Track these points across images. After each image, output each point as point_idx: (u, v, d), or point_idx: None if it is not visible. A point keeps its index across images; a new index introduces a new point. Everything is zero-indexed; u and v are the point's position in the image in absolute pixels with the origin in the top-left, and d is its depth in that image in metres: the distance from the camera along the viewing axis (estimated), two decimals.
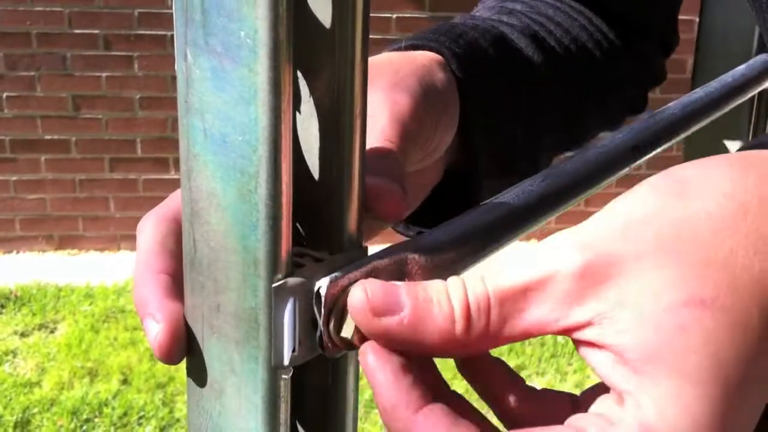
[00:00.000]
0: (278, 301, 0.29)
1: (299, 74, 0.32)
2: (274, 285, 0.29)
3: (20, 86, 3.28)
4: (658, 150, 0.47)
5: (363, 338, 0.30)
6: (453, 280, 0.30)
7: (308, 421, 0.35)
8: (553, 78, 0.52)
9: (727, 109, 0.54)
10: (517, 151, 0.50)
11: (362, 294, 0.29)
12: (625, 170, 0.44)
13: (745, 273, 0.27)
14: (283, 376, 0.30)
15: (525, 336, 0.30)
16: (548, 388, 0.28)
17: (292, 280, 0.29)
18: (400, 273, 0.32)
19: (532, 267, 0.29)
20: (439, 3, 3.32)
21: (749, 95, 0.58)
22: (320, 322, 0.30)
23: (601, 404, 0.29)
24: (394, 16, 3.31)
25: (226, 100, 0.29)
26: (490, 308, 0.29)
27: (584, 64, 0.54)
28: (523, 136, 0.51)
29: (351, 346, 0.30)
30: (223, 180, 0.30)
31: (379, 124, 0.40)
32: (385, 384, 0.29)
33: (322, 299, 0.29)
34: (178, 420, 2.47)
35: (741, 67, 0.57)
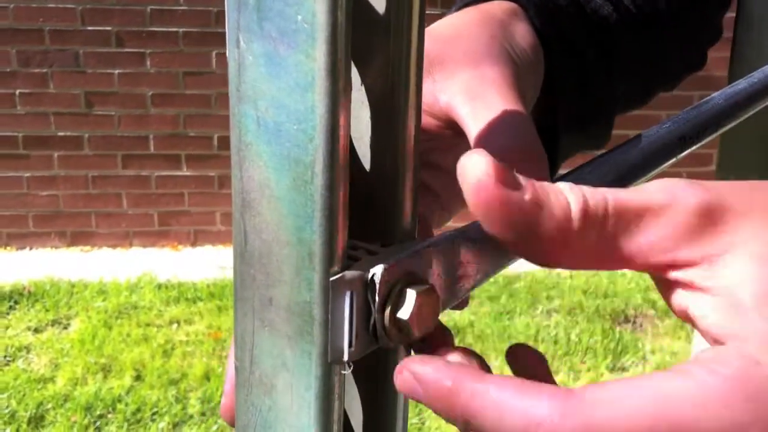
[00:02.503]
0: (336, 295, 0.28)
1: (351, 62, 0.31)
2: (332, 278, 0.28)
3: (33, 83, 3.28)
4: (704, 141, 0.46)
5: (420, 325, 0.29)
6: (568, 185, 0.28)
7: (357, 419, 0.34)
8: (629, 37, 0.50)
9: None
10: (595, 110, 0.49)
11: (484, 157, 0.27)
12: (672, 160, 0.43)
13: None
14: (343, 372, 0.29)
15: (629, 261, 0.28)
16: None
17: (349, 273, 0.29)
18: (452, 260, 0.31)
19: (654, 192, 0.28)
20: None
21: None
22: (374, 309, 0.29)
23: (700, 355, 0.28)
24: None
25: (281, 87, 0.28)
26: (608, 216, 0.27)
27: (654, 21, 0.52)
28: (603, 94, 0.49)
29: (407, 333, 0.29)
30: (277, 170, 0.29)
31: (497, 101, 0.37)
32: (436, 365, 0.28)
33: (377, 286, 0.29)
34: (191, 416, 2.47)
35: None
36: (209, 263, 3.34)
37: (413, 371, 0.28)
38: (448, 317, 2.97)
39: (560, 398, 0.25)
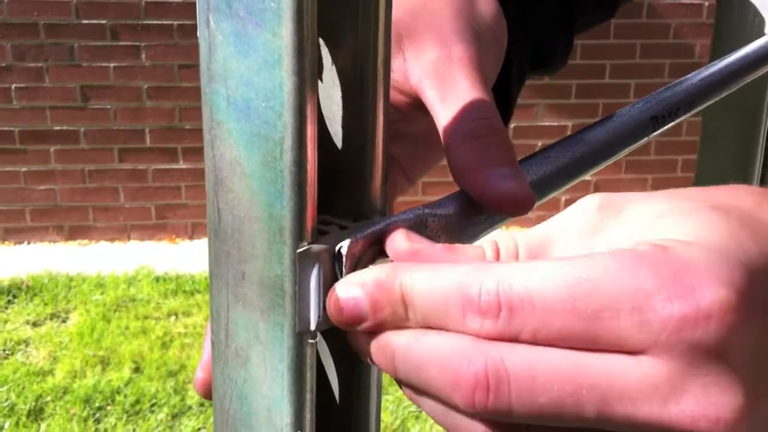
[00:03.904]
0: (303, 267, 0.29)
1: (321, 42, 0.32)
2: (298, 251, 0.29)
3: (28, 77, 3.28)
4: (677, 120, 0.46)
5: None
6: (483, 241, 0.31)
7: (332, 389, 0.35)
8: None
9: (744, 81, 0.54)
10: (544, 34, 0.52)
11: (403, 234, 0.31)
12: (644, 140, 0.43)
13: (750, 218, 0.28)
14: (310, 341, 0.30)
15: None
16: None
17: (316, 246, 0.29)
18: (419, 232, 0.32)
19: (556, 218, 0.30)
20: None
21: None
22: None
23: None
24: None
25: (250, 65, 0.29)
26: (518, 252, 0.30)
27: None
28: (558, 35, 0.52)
29: None
30: (247, 147, 0.29)
31: (463, 86, 0.39)
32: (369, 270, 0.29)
33: (344, 259, 0.29)
34: (189, 407, 2.49)
35: (760, 40, 0.56)
36: (207, 256, 3.34)
37: (348, 283, 0.29)
38: None
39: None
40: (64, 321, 2.93)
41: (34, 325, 2.90)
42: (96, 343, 2.75)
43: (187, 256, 3.35)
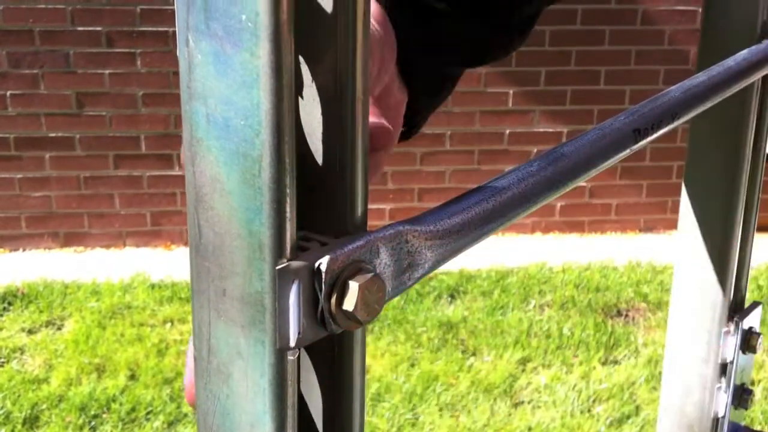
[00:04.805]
0: (282, 284, 0.29)
1: (301, 59, 0.32)
2: (278, 268, 0.29)
3: (24, 84, 3.28)
4: (660, 133, 0.47)
5: (366, 311, 0.30)
6: None
7: (316, 405, 0.35)
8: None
9: (729, 93, 0.54)
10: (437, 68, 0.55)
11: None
12: (626, 152, 0.44)
13: None
14: (290, 357, 0.30)
15: None
16: None
17: (295, 263, 0.30)
18: (400, 250, 0.32)
19: None
20: None
21: (751, 80, 0.58)
22: (321, 298, 0.30)
23: None
24: None
25: (228, 84, 0.29)
26: None
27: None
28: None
29: (354, 320, 0.30)
30: (227, 165, 0.30)
31: None
32: None
33: (323, 275, 0.30)
34: (185, 415, 2.48)
35: (743, 52, 0.57)
36: None
37: None
38: (441, 314, 2.99)
39: None
40: (59, 328, 2.92)
41: (30, 332, 2.89)
42: (91, 351, 2.74)
43: (182, 263, 3.35)
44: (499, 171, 3.63)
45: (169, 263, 3.36)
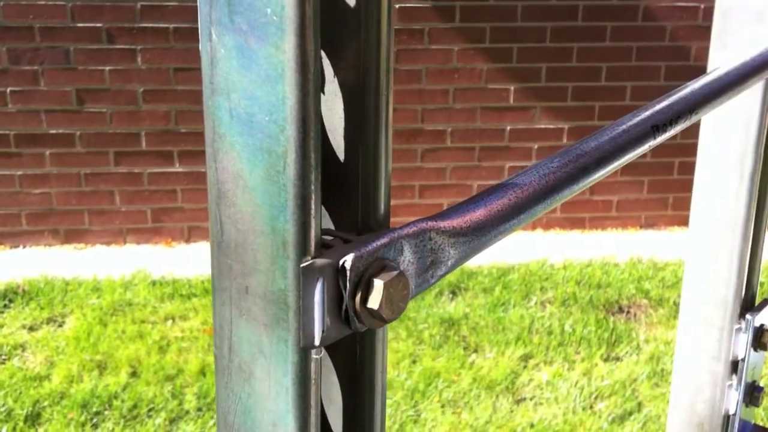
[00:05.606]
0: (307, 282, 0.29)
1: (323, 55, 0.32)
2: (302, 265, 0.29)
3: (24, 81, 3.27)
4: (678, 128, 0.46)
5: (391, 309, 0.30)
6: None
7: (336, 404, 0.35)
8: None
9: (746, 89, 0.54)
10: None
11: None
12: (645, 147, 0.43)
13: None
14: (314, 356, 0.29)
15: None
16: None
17: (320, 261, 0.29)
18: (423, 245, 0.31)
19: None
20: None
21: (767, 76, 0.58)
22: (346, 295, 0.29)
23: None
24: (397, 6, 3.30)
25: (252, 79, 0.28)
26: None
27: None
28: None
29: (378, 319, 0.30)
30: (250, 161, 0.29)
31: None
32: None
33: (347, 273, 0.29)
34: (187, 412, 2.48)
35: (760, 48, 0.56)
36: (203, 259, 3.34)
37: None
38: (442, 310, 2.98)
39: None
40: (60, 325, 2.92)
41: (31, 329, 2.89)
42: (93, 348, 2.74)
43: (183, 260, 3.35)
44: (500, 168, 3.63)
45: (170, 260, 3.35)
